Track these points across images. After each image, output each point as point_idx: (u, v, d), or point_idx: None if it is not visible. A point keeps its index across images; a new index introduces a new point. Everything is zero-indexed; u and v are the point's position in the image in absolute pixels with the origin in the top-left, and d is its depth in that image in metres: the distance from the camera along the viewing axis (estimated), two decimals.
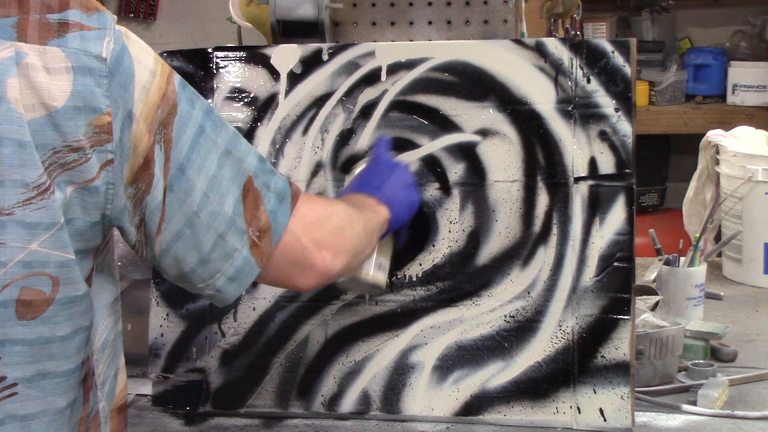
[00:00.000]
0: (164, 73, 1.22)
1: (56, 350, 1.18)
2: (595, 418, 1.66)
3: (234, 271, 1.29)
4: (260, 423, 1.74)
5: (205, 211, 1.25)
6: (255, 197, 1.29)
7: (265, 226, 1.29)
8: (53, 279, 1.16)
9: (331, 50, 1.79)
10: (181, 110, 1.23)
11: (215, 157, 1.26)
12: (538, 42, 1.73)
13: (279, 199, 1.31)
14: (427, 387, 1.72)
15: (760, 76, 4.30)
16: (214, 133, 1.26)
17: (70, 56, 1.14)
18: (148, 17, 5.12)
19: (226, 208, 1.26)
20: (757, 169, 2.39)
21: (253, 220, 1.28)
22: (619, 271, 1.67)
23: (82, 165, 1.15)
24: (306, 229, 1.34)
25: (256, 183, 1.29)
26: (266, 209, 1.30)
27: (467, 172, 1.74)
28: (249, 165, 1.29)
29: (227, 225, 1.26)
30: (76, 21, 1.16)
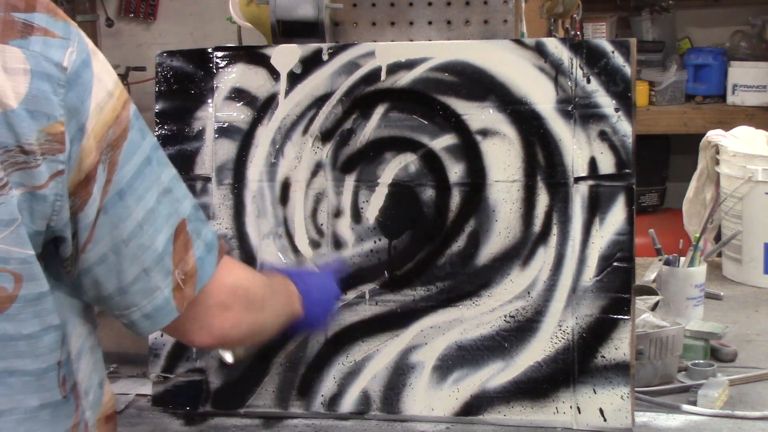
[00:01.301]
0: (122, 97, 1.21)
1: (23, 348, 1.17)
2: (595, 418, 1.66)
3: (152, 309, 1.27)
4: (260, 423, 1.74)
5: (135, 242, 1.23)
6: (185, 241, 1.27)
7: (191, 271, 1.28)
8: (15, 275, 1.15)
9: (331, 50, 1.79)
10: (132, 137, 1.22)
11: (156, 191, 1.24)
12: (538, 42, 1.73)
13: (207, 249, 1.30)
14: (427, 387, 1.72)
15: (760, 76, 4.30)
16: (159, 168, 1.25)
17: (29, 59, 1.13)
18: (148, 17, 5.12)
19: (156, 244, 1.24)
20: (757, 169, 2.39)
21: (180, 262, 1.27)
22: (619, 271, 1.67)
23: (32, 169, 1.14)
24: (218, 289, 1.33)
25: (188, 227, 1.28)
26: (194, 255, 1.28)
27: (467, 172, 1.74)
28: (185, 208, 1.28)
29: (154, 261, 1.25)
30: (41, 25, 1.15)
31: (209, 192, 1.80)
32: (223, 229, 1.80)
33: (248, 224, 1.79)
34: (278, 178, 1.79)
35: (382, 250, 1.76)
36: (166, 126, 1.82)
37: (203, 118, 1.82)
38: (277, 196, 1.79)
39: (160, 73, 1.84)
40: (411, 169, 1.75)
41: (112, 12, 5.10)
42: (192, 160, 1.81)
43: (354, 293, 1.76)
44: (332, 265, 1.74)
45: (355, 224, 1.76)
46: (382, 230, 1.76)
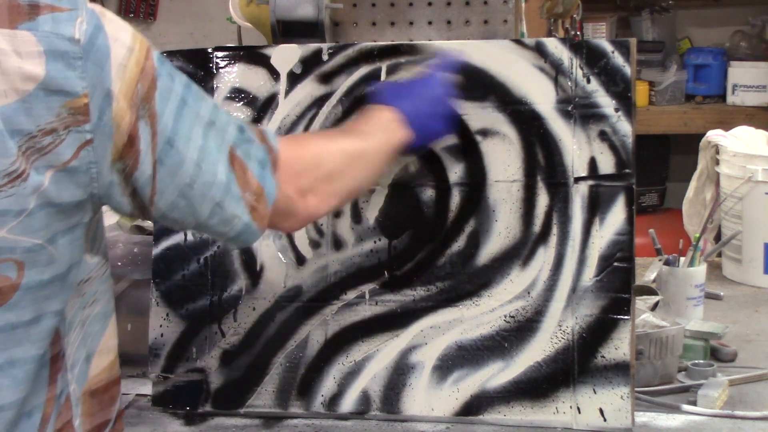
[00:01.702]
0: (143, 48, 1.21)
1: (21, 335, 1.17)
2: (595, 418, 1.66)
3: (236, 234, 1.33)
4: (260, 423, 1.74)
5: (199, 181, 1.26)
6: (241, 164, 1.31)
7: (258, 190, 1.32)
8: (18, 264, 1.15)
9: (331, 50, 1.79)
10: (162, 84, 1.23)
11: (200, 128, 1.27)
12: (538, 42, 1.73)
13: (261, 166, 1.34)
14: (427, 387, 1.72)
15: (760, 76, 4.30)
16: (197, 105, 1.27)
17: (41, 40, 1.13)
18: (148, 17, 5.12)
19: (219, 177, 1.28)
20: (757, 169, 2.39)
21: (246, 185, 1.31)
22: (619, 271, 1.67)
23: (58, 147, 1.15)
24: (290, 178, 1.37)
25: (238, 152, 1.31)
26: (255, 174, 1.32)
27: (467, 172, 1.74)
28: (230, 135, 1.31)
29: (223, 193, 1.29)
30: (47, 3, 1.15)
31: None
32: None
33: None
34: None
35: (382, 250, 1.76)
36: None
37: None
38: None
39: None
40: (411, 169, 1.75)
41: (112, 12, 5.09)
42: None
43: (354, 293, 1.76)
44: (441, 63, 1.69)
45: (355, 224, 1.76)
46: (382, 230, 1.76)
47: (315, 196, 1.40)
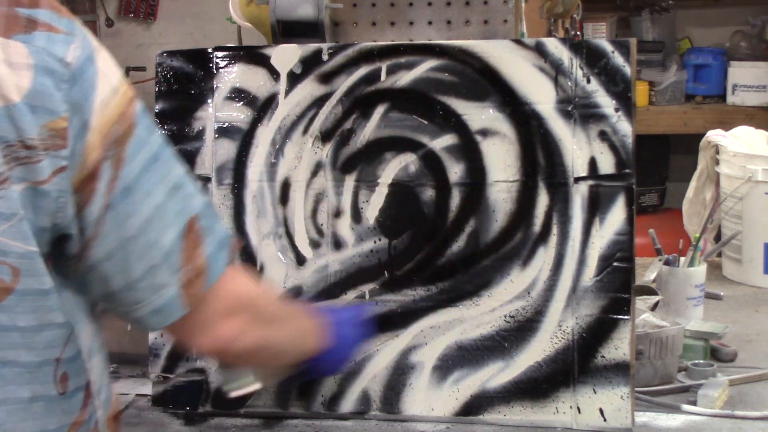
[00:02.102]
0: (128, 94, 1.20)
1: (16, 339, 1.16)
2: (595, 418, 1.66)
3: (160, 305, 1.25)
4: (260, 423, 1.74)
5: (143, 238, 1.22)
6: (196, 238, 1.25)
7: (200, 268, 1.26)
8: (14, 269, 1.14)
9: (331, 50, 1.79)
10: (139, 133, 1.21)
11: (164, 187, 1.23)
12: (538, 42, 1.73)
13: (219, 246, 1.28)
14: (427, 387, 1.72)
15: (760, 76, 4.30)
16: (167, 165, 1.24)
17: (33, 54, 1.13)
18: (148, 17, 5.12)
19: (164, 241, 1.23)
20: (757, 169, 2.39)
21: (190, 259, 1.25)
22: (619, 271, 1.67)
23: (34, 165, 1.13)
24: (225, 293, 1.29)
25: (198, 224, 1.26)
26: (206, 252, 1.26)
27: (467, 172, 1.74)
28: (197, 204, 1.26)
29: (162, 258, 1.23)
30: (45, 21, 1.15)
31: (209, 192, 1.80)
32: None
33: (248, 224, 1.79)
34: (278, 178, 1.79)
35: (382, 250, 1.76)
36: (166, 126, 1.82)
37: (203, 118, 1.82)
38: (277, 196, 1.79)
39: (160, 73, 1.84)
40: (411, 169, 1.75)
41: (112, 12, 5.10)
42: (192, 160, 1.81)
43: (354, 293, 1.76)
44: (360, 307, 1.68)
45: (355, 224, 1.76)
46: (382, 230, 1.76)
47: (237, 323, 1.31)
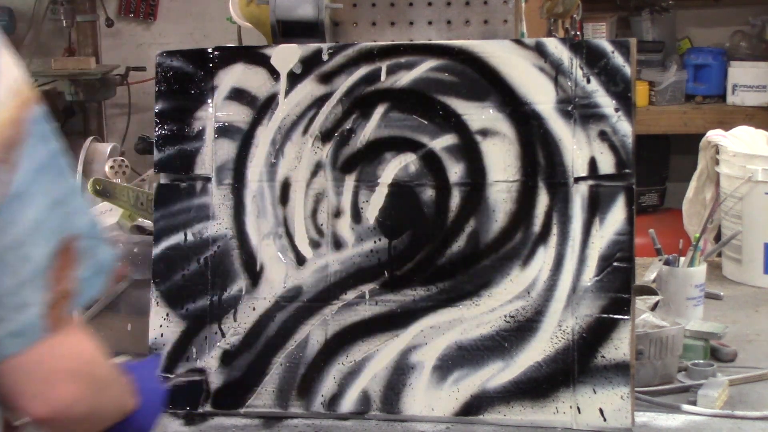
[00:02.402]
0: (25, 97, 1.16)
1: None
2: (595, 418, 1.66)
3: (20, 326, 1.16)
4: (260, 423, 1.74)
5: (19, 251, 1.15)
6: (71, 259, 1.18)
7: (68, 291, 1.18)
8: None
9: (331, 50, 1.79)
10: (32, 140, 1.16)
11: (47, 201, 1.17)
12: (538, 42, 1.73)
13: (97, 271, 1.21)
14: (427, 387, 1.72)
15: (760, 76, 4.30)
16: (55, 178, 1.18)
17: None
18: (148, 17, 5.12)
19: (36, 257, 1.16)
20: (757, 169, 2.39)
21: (59, 280, 1.17)
22: (618, 271, 1.67)
23: None
24: (68, 355, 1.22)
25: (78, 244, 1.19)
26: (79, 276, 1.19)
27: (467, 172, 1.74)
28: (78, 224, 1.20)
29: (31, 275, 1.16)
30: None
31: (209, 192, 1.80)
32: (223, 229, 1.80)
33: (248, 224, 1.79)
34: (278, 178, 1.79)
35: (382, 250, 1.76)
36: (166, 126, 1.82)
37: (203, 118, 1.82)
38: (277, 196, 1.79)
39: (160, 73, 1.84)
40: (411, 169, 1.75)
41: (112, 12, 5.10)
42: (192, 160, 1.81)
43: (354, 293, 1.76)
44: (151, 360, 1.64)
45: (355, 224, 1.76)
46: (382, 230, 1.76)
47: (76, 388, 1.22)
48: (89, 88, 4.65)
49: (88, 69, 4.64)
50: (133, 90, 4.93)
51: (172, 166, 1.82)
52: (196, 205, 1.81)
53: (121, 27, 5.13)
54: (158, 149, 1.83)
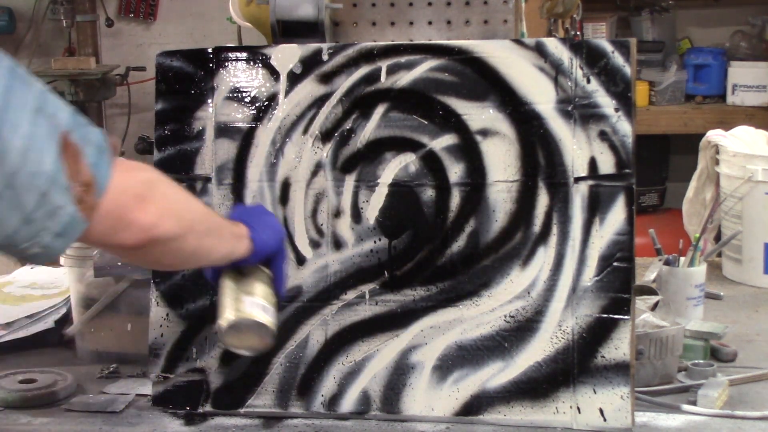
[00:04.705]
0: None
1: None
2: (595, 418, 1.66)
3: (60, 227, 1.28)
4: (260, 423, 1.74)
5: (24, 171, 1.23)
6: (74, 152, 1.27)
7: (88, 180, 1.28)
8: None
9: (331, 50, 1.79)
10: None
11: (27, 115, 1.24)
12: (538, 42, 1.73)
13: (99, 151, 1.30)
14: (427, 387, 1.72)
15: (760, 76, 4.30)
16: (22, 92, 1.25)
17: None
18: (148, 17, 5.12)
19: (45, 167, 1.25)
20: (757, 169, 2.39)
21: (75, 175, 1.27)
22: (619, 271, 1.67)
23: None
24: (126, 184, 1.33)
25: (73, 137, 1.28)
26: (88, 162, 1.29)
27: (467, 172, 1.74)
28: (62, 120, 1.28)
29: (49, 183, 1.25)
30: None
31: (209, 192, 1.80)
32: None
33: None
34: (278, 178, 1.79)
35: (382, 250, 1.76)
36: (166, 126, 1.82)
37: (203, 118, 1.82)
38: (277, 196, 1.79)
39: (160, 73, 1.84)
40: (411, 169, 1.75)
41: (112, 12, 5.10)
42: (192, 160, 1.81)
43: (354, 293, 1.76)
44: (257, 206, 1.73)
45: (355, 224, 1.76)
46: (382, 230, 1.76)
47: (153, 207, 1.36)
48: (89, 88, 4.65)
49: (88, 69, 4.64)
50: (133, 90, 4.93)
51: (172, 166, 1.82)
52: None
53: (121, 27, 5.13)
54: (158, 149, 1.83)
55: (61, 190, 1.26)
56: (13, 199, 1.24)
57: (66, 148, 1.27)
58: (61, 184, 1.26)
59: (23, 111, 1.23)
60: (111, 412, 1.78)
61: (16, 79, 1.25)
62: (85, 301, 2.01)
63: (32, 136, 1.24)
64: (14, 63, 1.26)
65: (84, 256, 1.98)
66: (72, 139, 1.27)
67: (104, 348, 1.99)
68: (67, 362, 2.00)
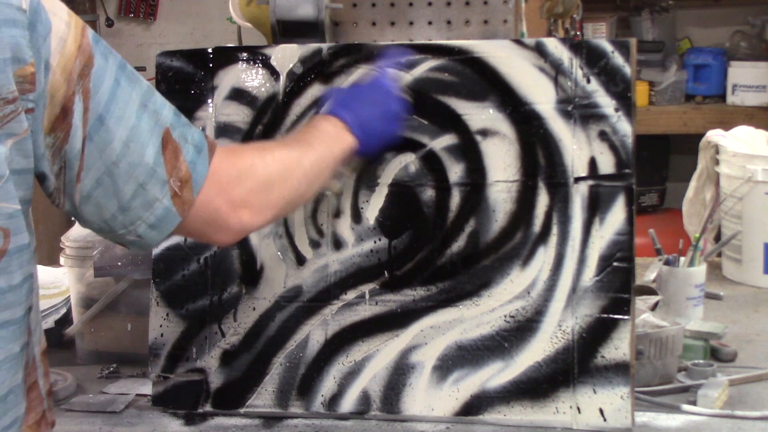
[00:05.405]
0: (78, 25, 1.25)
1: (11, 299, 1.22)
2: (595, 418, 1.66)
3: (155, 219, 1.32)
4: (260, 423, 1.74)
5: (125, 160, 1.28)
6: (174, 148, 1.32)
7: (185, 176, 1.33)
8: (4, 231, 1.20)
9: (331, 50, 1.79)
10: (98, 63, 1.26)
11: (133, 108, 1.28)
12: (538, 42, 1.73)
13: (197, 150, 1.35)
14: (427, 387, 1.72)
15: (759, 76, 4.30)
16: (130, 87, 1.29)
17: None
18: (148, 17, 5.12)
19: (146, 159, 1.29)
20: (756, 169, 2.39)
21: (173, 170, 1.32)
22: (618, 271, 1.67)
23: (18, 115, 1.18)
24: (222, 188, 1.37)
25: (174, 134, 1.32)
26: (186, 160, 1.33)
27: (467, 172, 1.74)
28: (166, 117, 1.32)
29: (148, 175, 1.30)
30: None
31: None
32: None
33: None
34: None
35: (382, 250, 1.76)
36: None
37: (203, 118, 1.82)
38: None
39: (160, 73, 1.84)
40: (411, 169, 1.75)
41: (112, 12, 5.10)
42: None
43: (354, 293, 1.76)
44: (385, 61, 1.72)
45: (355, 224, 1.76)
46: (382, 230, 1.76)
47: (248, 209, 1.41)
48: None
49: None
50: None
51: None
52: None
53: (121, 27, 5.13)
54: None
55: (158, 183, 1.31)
56: (113, 186, 1.28)
57: (167, 143, 1.31)
58: (160, 178, 1.31)
59: (129, 104, 1.28)
60: (111, 412, 1.78)
61: (124, 75, 1.29)
62: (85, 301, 2.01)
63: (136, 129, 1.28)
64: (123, 60, 1.31)
65: (84, 256, 1.98)
66: (173, 135, 1.32)
67: (104, 348, 1.99)
68: (67, 362, 2.01)
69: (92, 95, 1.25)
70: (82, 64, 1.24)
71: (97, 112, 1.25)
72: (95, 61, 1.26)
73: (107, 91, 1.26)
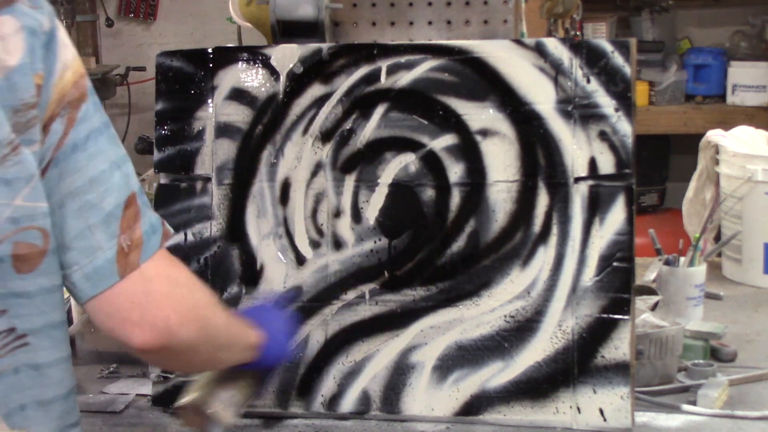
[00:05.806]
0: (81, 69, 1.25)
1: (58, 298, 1.22)
2: (595, 418, 1.66)
3: (92, 269, 1.23)
4: (260, 423, 1.74)
5: (84, 197, 1.22)
6: (135, 213, 1.26)
7: (138, 241, 1.25)
8: (43, 231, 1.19)
9: (331, 50, 1.79)
10: (89, 104, 1.25)
11: (108, 160, 1.24)
12: (538, 42, 1.73)
13: (153, 229, 1.27)
14: (427, 387, 1.72)
15: (759, 76, 4.30)
16: (109, 143, 1.26)
17: (20, 18, 1.18)
18: (148, 17, 5.12)
19: (104, 205, 1.23)
20: (756, 169, 2.39)
21: (128, 230, 1.24)
22: (618, 271, 1.67)
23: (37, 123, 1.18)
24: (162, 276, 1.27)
25: (138, 201, 1.26)
26: (142, 228, 1.26)
27: (467, 172, 1.74)
28: (135, 184, 1.27)
29: (101, 220, 1.23)
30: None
31: (209, 192, 1.80)
32: (223, 229, 1.79)
33: (248, 224, 1.79)
34: (278, 178, 1.79)
35: (382, 250, 1.76)
36: (166, 126, 1.82)
37: (203, 118, 1.82)
38: (277, 196, 1.79)
39: (160, 73, 1.84)
40: (411, 169, 1.75)
41: (112, 12, 5.10)
42: (192, 160, 1.81)
43: (354, 293, 1.76)
44: (283, 297, 1.71)
45: (355, 224, 1.76)
46: (382, 230, 1.76)
47: (176, 312, 1.27)
48: None
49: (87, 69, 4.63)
50: (133, 90, 4.93)
51: (172, 166, 1.82)
52: (196, 205, 1.81)
53: (121, 27, 5.13)
54: (158, 149, 1.83)
55: (108, 233, 1.23)
56: (60, 219, 1.22)
57: (130, 204, 1.25)
58: (111, 229, 1.23)
59: (106, 154, 1.25)
60: (111, 412, 1.78)
61: (108, 131, 1.26)
62: None
63: (105, 175, 1.24)
64: (109, 121, 1.28)
65: None
66: (138, 202, 1.26)
67: (104, 348, 1.99)
68: None
69: (75, 125, 1.22)
70: (75, 96, 1.23)
71: (74, 141, 1.22)
72: (87, 100, 1.24)
73: (89, 129, 1.23)
